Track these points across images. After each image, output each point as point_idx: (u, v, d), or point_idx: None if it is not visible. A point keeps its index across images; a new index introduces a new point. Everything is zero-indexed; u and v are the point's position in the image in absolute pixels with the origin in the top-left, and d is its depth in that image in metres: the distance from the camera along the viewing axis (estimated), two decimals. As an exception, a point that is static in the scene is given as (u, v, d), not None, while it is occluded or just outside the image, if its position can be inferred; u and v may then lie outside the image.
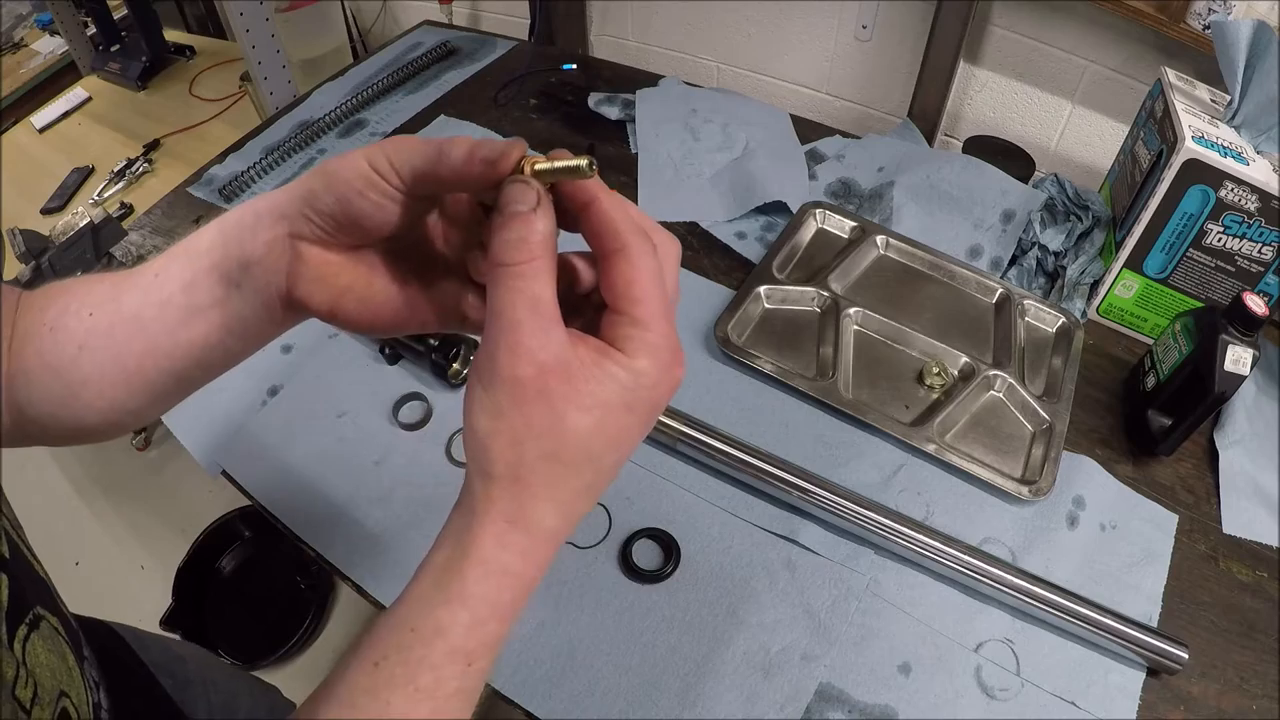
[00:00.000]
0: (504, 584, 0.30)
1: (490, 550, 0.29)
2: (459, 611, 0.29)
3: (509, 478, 0.29)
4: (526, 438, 0.29)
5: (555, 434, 0.29)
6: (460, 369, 0.80)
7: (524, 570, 0.30)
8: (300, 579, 1.51)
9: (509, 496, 0.29)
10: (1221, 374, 0.68)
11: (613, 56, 1.41)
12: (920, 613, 0.65)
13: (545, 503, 0.30)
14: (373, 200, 0.32)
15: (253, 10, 1.18)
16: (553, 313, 0.29)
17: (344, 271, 0.35)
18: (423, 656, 0.29)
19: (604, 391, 0.29)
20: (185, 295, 0.36)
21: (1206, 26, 0.88)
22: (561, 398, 0.28)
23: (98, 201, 1.27)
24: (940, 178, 0.96)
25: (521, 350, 0.28)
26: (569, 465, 0.29)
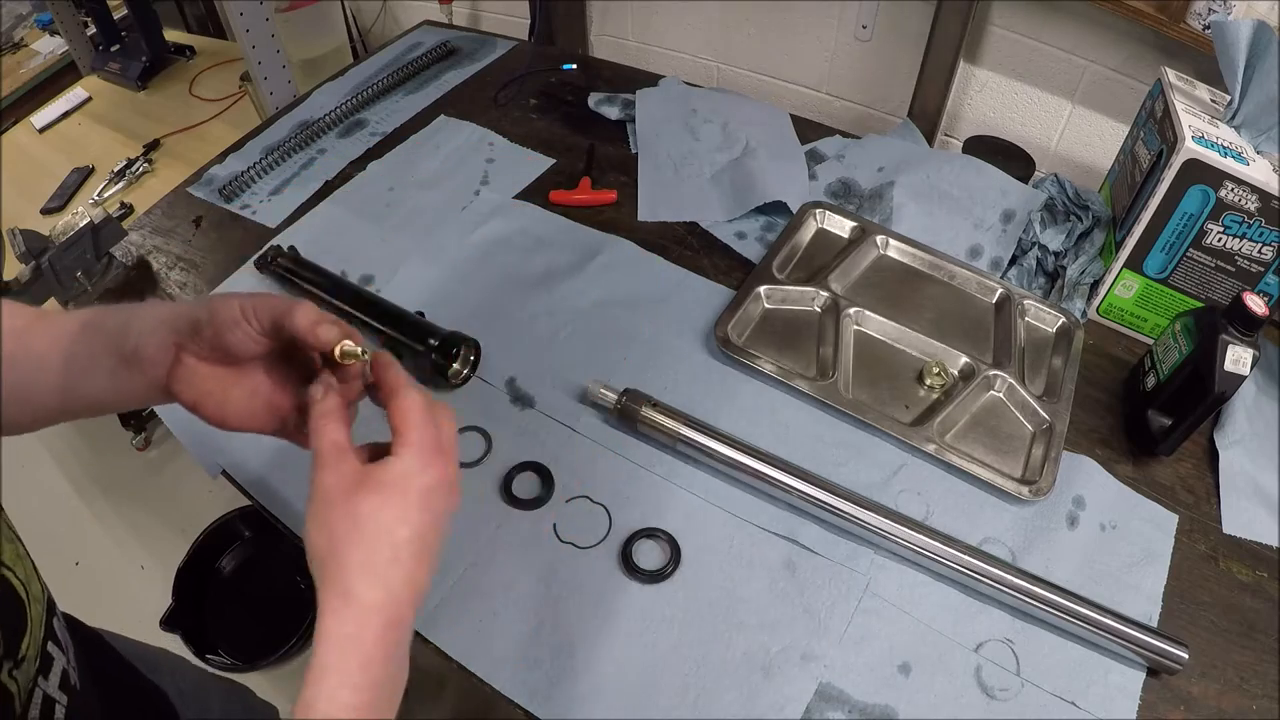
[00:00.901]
0: (345, 649, 0.37)
1: (330, 623, 0.37)
2: (319, 685, 0.36)
3: (327, 557, 0.38)
4: (334, 523, 0.39)
5: (351, 514, 0.39)
6: (460, 369, 0.80)
7: (361, 637, 0.37)
8: (300, 579, 1.50)
9: (331, 575, 0.38)
10: (1221, 374, 0.68)
11: (613, 56, 1.41)
12: (920, 613, 0.65)
13: (364, 576, 0.38)
14: (238, 337, 0.44)
15: (253, 10, 1.18)
16: (345, 447, 0.41)
17: (209, 380, 0.47)
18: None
19: (382, 481, 0.40)
20: (88, 358, 0.46)
21: (1206, 26, 0.88)
22: (354, 490, 0.39)
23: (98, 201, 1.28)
24: (940, 178, 0.96)
25: (326, 468, 0.40)
26: (371, 541, 0.38)
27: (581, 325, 0.85)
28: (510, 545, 0.68)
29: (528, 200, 1.01)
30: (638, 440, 0.75)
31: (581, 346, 0.83)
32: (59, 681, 0.43)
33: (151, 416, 1.77)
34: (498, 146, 1.10)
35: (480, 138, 1.11)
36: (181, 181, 1.09)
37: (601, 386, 0.75)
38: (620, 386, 0.75)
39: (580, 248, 0.94)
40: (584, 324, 0.86)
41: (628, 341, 0.84)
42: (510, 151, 1.09)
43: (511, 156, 1.08)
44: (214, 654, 1.40)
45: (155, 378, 0.46)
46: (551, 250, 0.94)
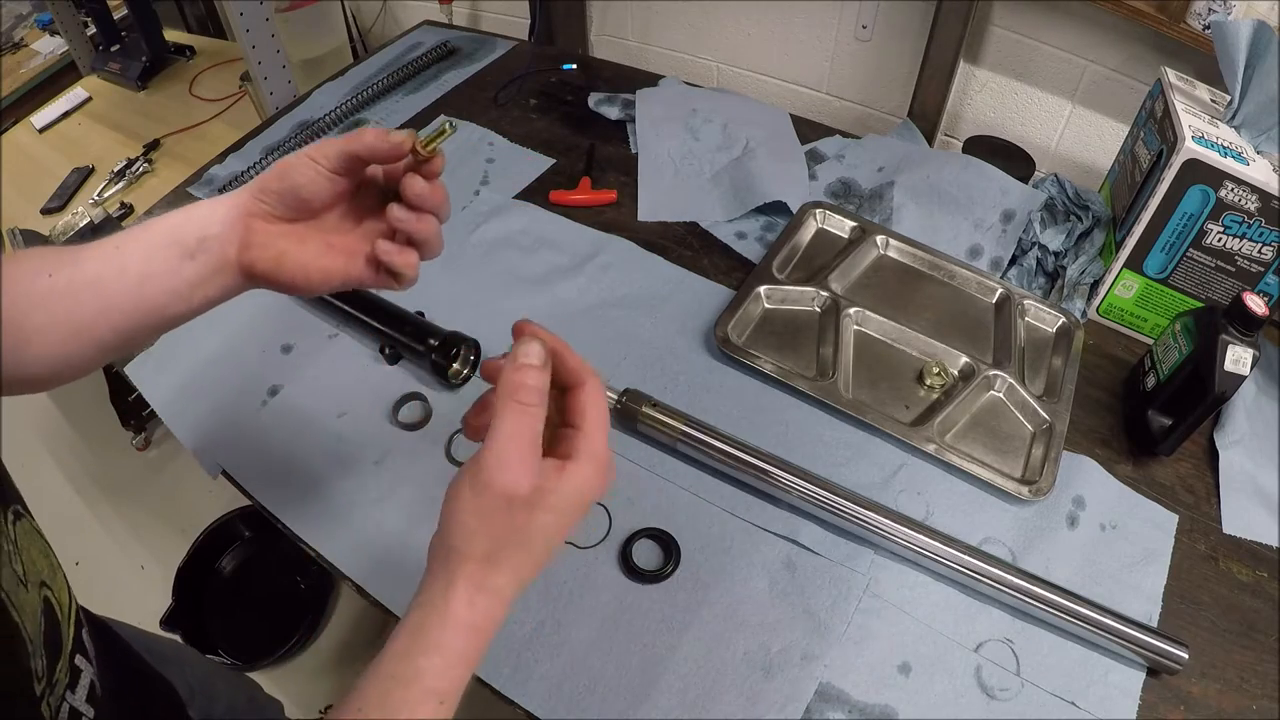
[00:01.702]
0: (470, 638, 0.37)
1: (463, 610, 0.37)
2: (434, 658, 0.36)
3: (484, 560, 0.38)
4: (506, 535, 0.38)
5: (528, 532, 0.38)
6: (460, 369, 0.80)
7: (485, 626, 0.38)
8: (300, 579, 1.51)
9: (481, 572, 0.38)
10: (1221, 374, 0.68)
11: (613, 56, 1.41)
12: (920, 613, 0.65)
13: (508, 575, 0.38)
14: (308, 175, 0.44)
15: (253, 10, 1.18)
16: (539, 445, 0.38)
17: (284, 237, 0.45)
18: (402, 698, 0.36)
19: (564, 498, 0.38)
20: (143, 264, 0.44)
21: (1206, 26, 0.88)
22: (532, 503, 0.37)
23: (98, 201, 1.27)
24: (940, 178, 0.96)
25: (516, 472, 0.37)
26: (532, 552, 0.39)
27: (581, 325, 0.85)
28: (510, 545, 0.68)
29: (528, 200, 1.01)
30: (638, 440, 0.75)
31: (581, 346, 0.82)
32: (86, 694, 0.42)
33: (152, 416, 1.77)
34: (498, 146, 1.10)
35: (480, 138, 1.11)
36: (181, 181, 1.09)
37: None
38: (620, 386, 0.75)
39: (580, 248, 0.94)
40: (584, 324, 0.86)
41: (628, 341, 0.84)
42: (510, 151, 1.09)
43: (511, 156, 1.08)
44: (214, 654, 1.40)
45: (226, 257, 0.45)
46: (551, 250, 0.94)
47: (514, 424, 0.38)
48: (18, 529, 0.39)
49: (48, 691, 0.37)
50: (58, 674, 0.39)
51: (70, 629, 0.41)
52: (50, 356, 0.43)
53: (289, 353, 0.84)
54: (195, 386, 0.81)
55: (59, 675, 0.39)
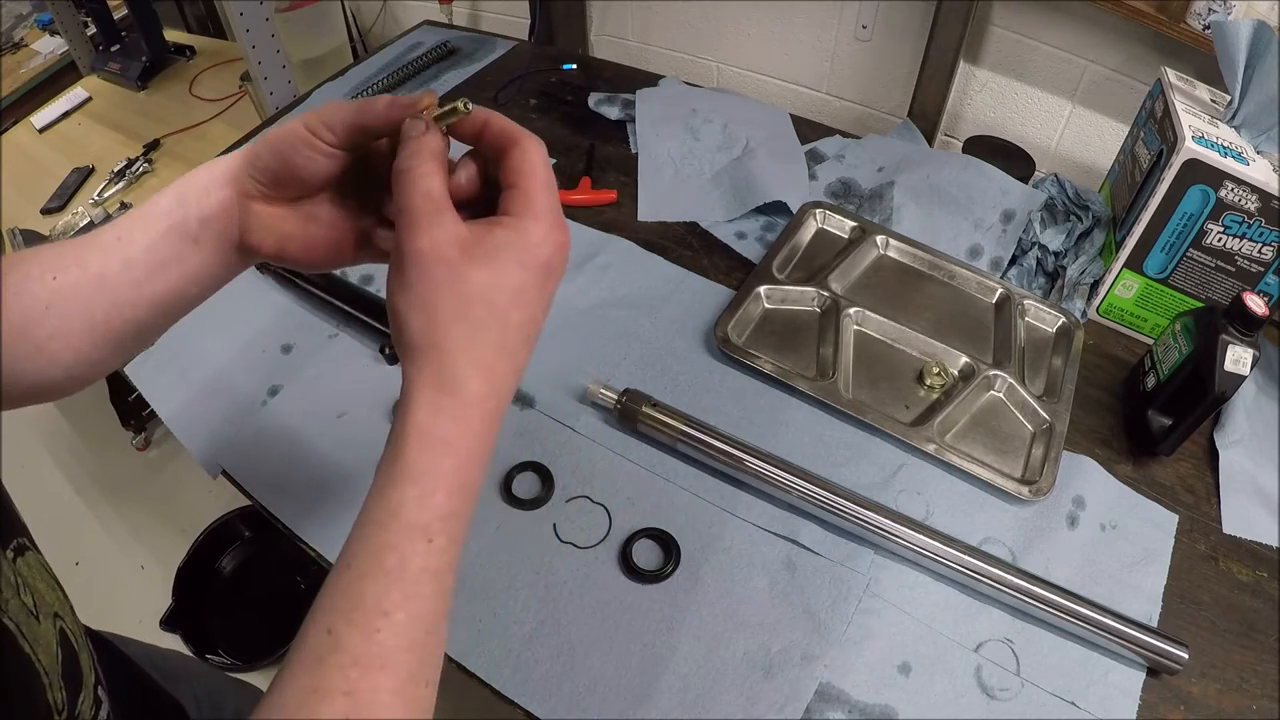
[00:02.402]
0: (441, 451, 0.32)
1: (424, 419, 0.32)
2: (406, 488, 0.32)
3: (426, 344, 0.33)
4: (434, 300, 0.32)
5: (458, 292, 0.32)
6: (460, 369, 0.80)
7: (459, 437, 0.33)
8: (300, 579, 1.51)
9: (431, 364, 0.33)
10: (1221, 374, 0.68)
11: (613, 56, 1.41)
12: (920, 613, 0.65)
13: (466, 365, 0.33)
14: (307, 155, 0.38)
15: (253, 10, 1.18)
16: (443, 201, 0.34)
17: (286, 221, 0.42)
18: (383, 541, 0.32)
19: (496, 250, 0.33)
20: (148, 254, 0.41)
21: (1206, 26, 0.88)
22: (460, 261, 0.33)
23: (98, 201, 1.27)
24: (940, 178, 0.96)
25: (419, 229, 0.33)
26: (477, 321, 0.33)
27: (581, 325, 0.85)
28: (510, 545, 0.68)
29: (528, 200, 1.01)
30: (638, 440, 0.75)
31: (581, 346, 0.83)
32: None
33: (152, 416, 1.77)
34: (498, 146, 1.10)
35: (480, 138, 1.11)
36: (181, 181, 1.09)
37: (601, 386, 0.75)
38: (620, 386, 0.75)
39: (580, 248, 0.94)
40: (584, 324, 0.86)
41: (628, 341, 0.84)
42: (510, 151, 1.09)
43: (511, 156, 1.08)
44: (214, 654, 1.40)
45: (228, 241, 0.41)
46: (551, 250, 0.94)
47: (404, 190, 0.34)
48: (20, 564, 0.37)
49: None
50: (80, 707, 0.37)
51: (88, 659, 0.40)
52: (68, 360, 0.41)
53: (289, 353, 0.84)
54: (195, 386, 0.81)
55: (81, 708, 0.37)
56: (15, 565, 0.37)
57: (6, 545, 0.37)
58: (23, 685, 0.33)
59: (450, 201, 0.34)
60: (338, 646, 0.30)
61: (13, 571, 0.36)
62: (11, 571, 0.35)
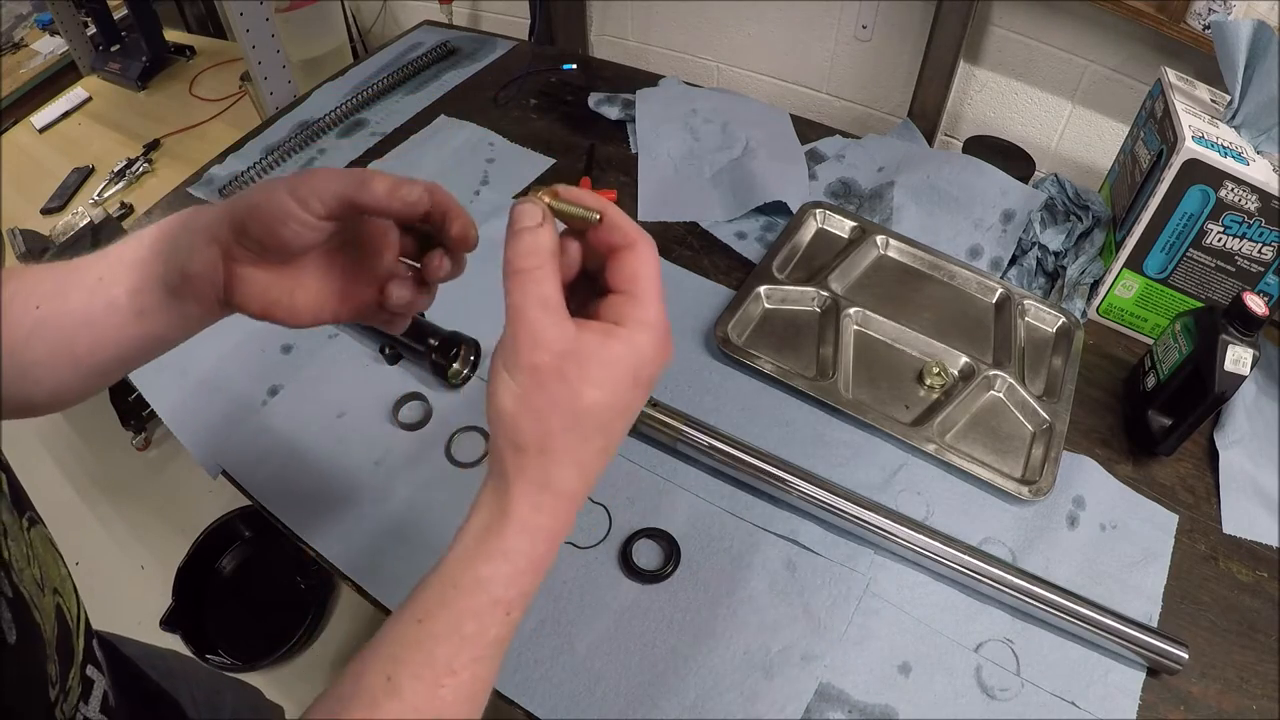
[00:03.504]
0: (538, 539, 0.34)
1: (526, 512, 0.34)
2: (500, 565, 0.33)
3: (537, 449, 0.33)
4: (550, 414, 0.33)
5: (574, 409, 0.33)
6: (460, 369, 0.80)
7: (554, 526, 0.35)
8: (300, 579, 1.51)
9: (538, 465, 0.34)
10: (1221, 374, 0.68)
11: (613, 56, 1.41)
12: (920, 613, 0.65)
13: (569, 468, 0.34)
14: (294, 230, 0.37)
15: (253, 10, 1.18)
16: (561, 308, 0.33)
17: (272, 287, 0.41)
18: (466, 608, 0.33)
19: (611, 365, 0.33)
20: (130, 300, 0.41)
21: (1206, 26, 0.88)
22: (577, 379, 0.33)
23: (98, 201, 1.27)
24: (940, 178, 0.96)
25: (539, 341, 0.32)
26: (586, 434, 0.34)
27: (581, 325, 0.85)
28: (510, 545, 0.68)
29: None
30: (638, 440, 0.75)
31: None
32: (100, 705, 0.41)
33: (152, 416, 1.77)
34: (498, 146, 1.10)
35: (480, 138, 1.11)
36: (181, 181, 1.09)
37: (601, 386, 0.75)
38: (620, 386, 0.75)
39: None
40: (584, 324, 0.85)
41: (628, 341, 0.83)
42: (510, 151, 1.09)
43: (511, 156, 1.08)
44: (214, 654, 1.40)
45: (212, 297, 0.41)
46: (551, 250, 0.94)
47: (521, 294, 0.33)
48: (33, 535, 0.39)
49: (61, 699, 0.37)
50: (70, 682, 0.38)
51: (81, 639, 0.41)
52: (51, 385, 0.42)
53: (289, 353, 0.84)
54: (195, 386, 0.81)
55: (71, 683, 0.38)
56: (29, 535, 0.37)
57: (22, 515, 0.38)
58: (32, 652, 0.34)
59: (565, 308, 0.34)
60: (398, 694, 0.32)
61: (25, 544, 0.37)
62: (24, 544, 0.36)
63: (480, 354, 0.81)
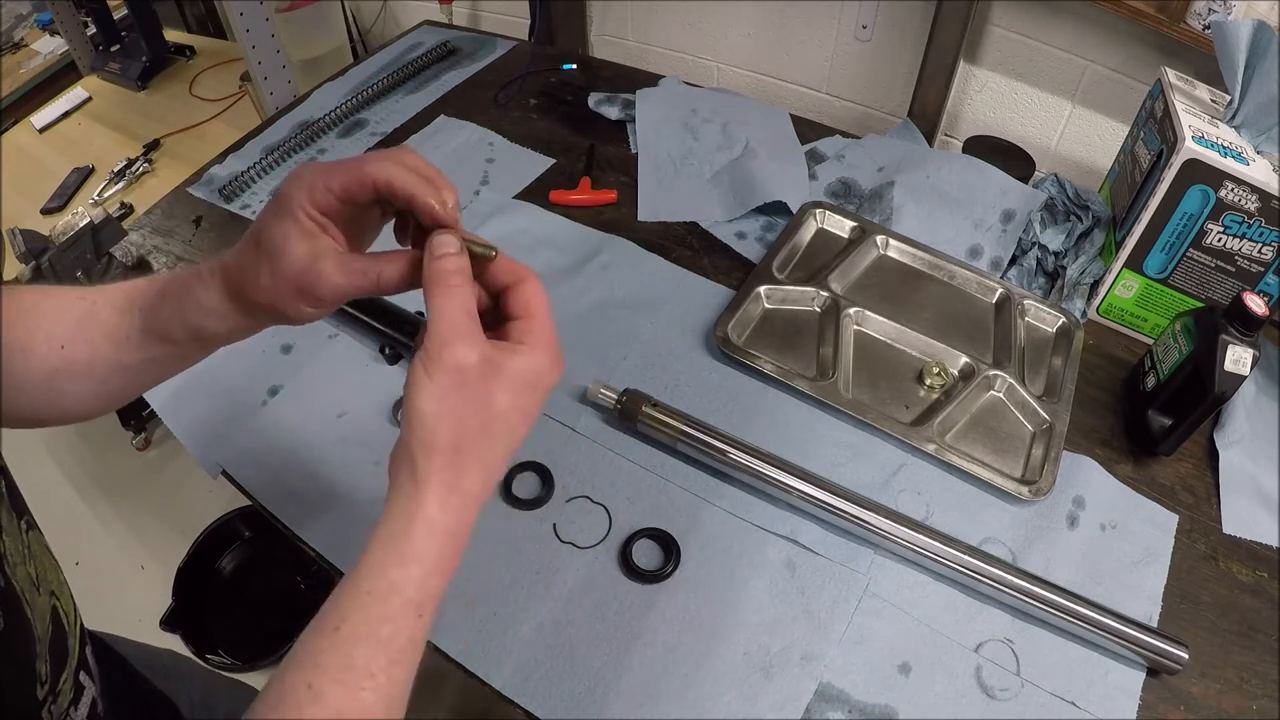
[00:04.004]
0: (445, 541, 0.36)
1: (434, 513, 0.36)
2: (411, 569, 0.35)
3: (450, 449, 0.36)
4: (467, 416, 0.36)
5: (485, 408, 0.37)
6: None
7: (459, 529, 0.37)
8: (300, 579, 1.51)
9: (449, 466, 0.36)
10: (1221, 374, 0.68)
11: (613, 56, 1.41)
12: (920, 613, 0.65)
13: (476, 470, 0.37)
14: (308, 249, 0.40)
15: (253, 10, 1.18)
16: (477, 320, 0.38)
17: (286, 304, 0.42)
18: (381, 613, 0.35)
19: (518, 376, 0.38)
20: (144, 335, 0.44)
21: (1206, 26, 0.88)
22: (493, 383, 0.37)
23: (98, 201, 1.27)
24: (940, 178, 0.96)
25: (461, 344, 0.36)
26: (495, 437, 0.38)
27: (581, 325, 0.85)
28: (510, 545, 0.68)
29: (528, 200, 1.01)
30: (638, 440, 0.75)
31: (581, 346, 0.83)
32: (88, 711, 0.42)
33: (152, 416, 1.77)
34: (498, 146, 1.10)
35: (480, 138, 1.11)
36: (181, 181, 1.09)
37: (601, 387, 0.75)
38: (620, 386, 0.75)
39: (580, 248, 0.94)
40: (584, 324, 0.86)
41: (628, 341, 0.84)
42: (510, 151, 1.09)
43: (511, 156, 1.08)
44: (214, 654, 1.40)
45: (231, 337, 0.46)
46: (551, 250, 0.94)
47: (446, 302, 0.37)
48: (30, 538, 0.39)
49: (50, 699, 0.37)
50: (61, 684, 0.39)
51: (76, 644, 0.41)
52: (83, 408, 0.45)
53: (289, 353, 0.84)
54: (195, 386, 0.81)
55: (62, 686, 0.39)
56: (27, 538, 0.38)
57: (20, 517, 0.39)
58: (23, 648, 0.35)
59: (478, 319, 0.38)
60: (318, 701, 0.33)
61: (24, 542, 0.38)
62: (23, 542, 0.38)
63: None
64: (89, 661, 0.44)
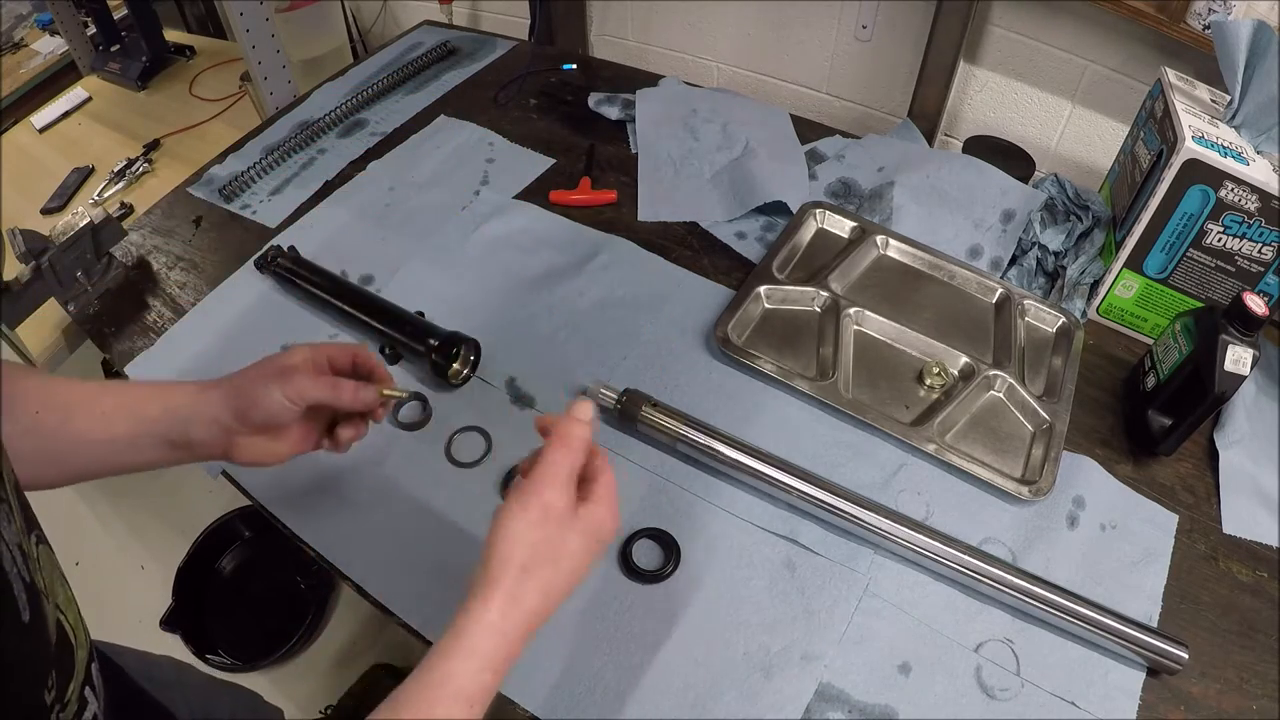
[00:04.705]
0: (499, 644, 0.43)
1: (495, 618, 0.43)
2: (465, 662, 0.41)
3: (518, 568, 0.44)
4: (541, 544, 0.45)
5: (558, 548, 0.45)
6: (460, 369, 0.80)
7: (513, 636, 0.43)
8: (300, 579, 1.50)
9: (515, 581, 0.44)
10: (1221, 374, 0.68)
11: (613, 56, 1.41)
12: (920, 613, 0.65)
13: (536, 591, 0.44)
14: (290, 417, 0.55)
15: (253, 10, 1.18)
16: (575, 479, 0.47)
17: (258, 448, 0.57)
18: (433, 698, 0.40)
19: (587, 524, 0.47)
20: (130, 439, 0.52)
21: (1206, 26, 0.88)
22: (567, 530, 0.46)
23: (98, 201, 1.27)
24: (940, 178, 0.96)
25: (558, 491, 0.46)
26: (559, 570, 0.45)
27: (581, 325, 0.85)
28: (510, 545, 0.68)
29: (528, 200, 1.01)
30: (638, 440, 0.75)
31: (581, 346, 0.83)
32: None
33: (151, 416, 1.76)
34: (498, 146, 1.10)
35: (480, 138, 1.11)
36: (181, 181, 1.09)
37: (602, 387, 0.75)
38: (620, 386, 0.75)
39: (580, 248, 0.94)
40: (584, 324, 0.86)
41: (628, 341, 0.84)
42: (510, 151, 1.09)
43: (511, 156, 1.08)
44: (214, 654, 1.40)
45: (211, 455, 0.55)
46: (551, 250, 0.94)
47: (560, 456, 0.46)
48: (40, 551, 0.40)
49: (57, 706, 0.38)
50: (69, 695, 0.39)
51: (84, 658, 0.42)
52: (34, 478, 0.48)
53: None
54: (195, 386, 0.81)
55: (70, 697, 0.39)
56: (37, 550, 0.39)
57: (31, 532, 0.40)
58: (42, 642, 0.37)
59: (576, 479, 0.48)
60: None
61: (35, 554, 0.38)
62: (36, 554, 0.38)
63: (480, 354, 0.81)
64: (94, 678, 0.44)
